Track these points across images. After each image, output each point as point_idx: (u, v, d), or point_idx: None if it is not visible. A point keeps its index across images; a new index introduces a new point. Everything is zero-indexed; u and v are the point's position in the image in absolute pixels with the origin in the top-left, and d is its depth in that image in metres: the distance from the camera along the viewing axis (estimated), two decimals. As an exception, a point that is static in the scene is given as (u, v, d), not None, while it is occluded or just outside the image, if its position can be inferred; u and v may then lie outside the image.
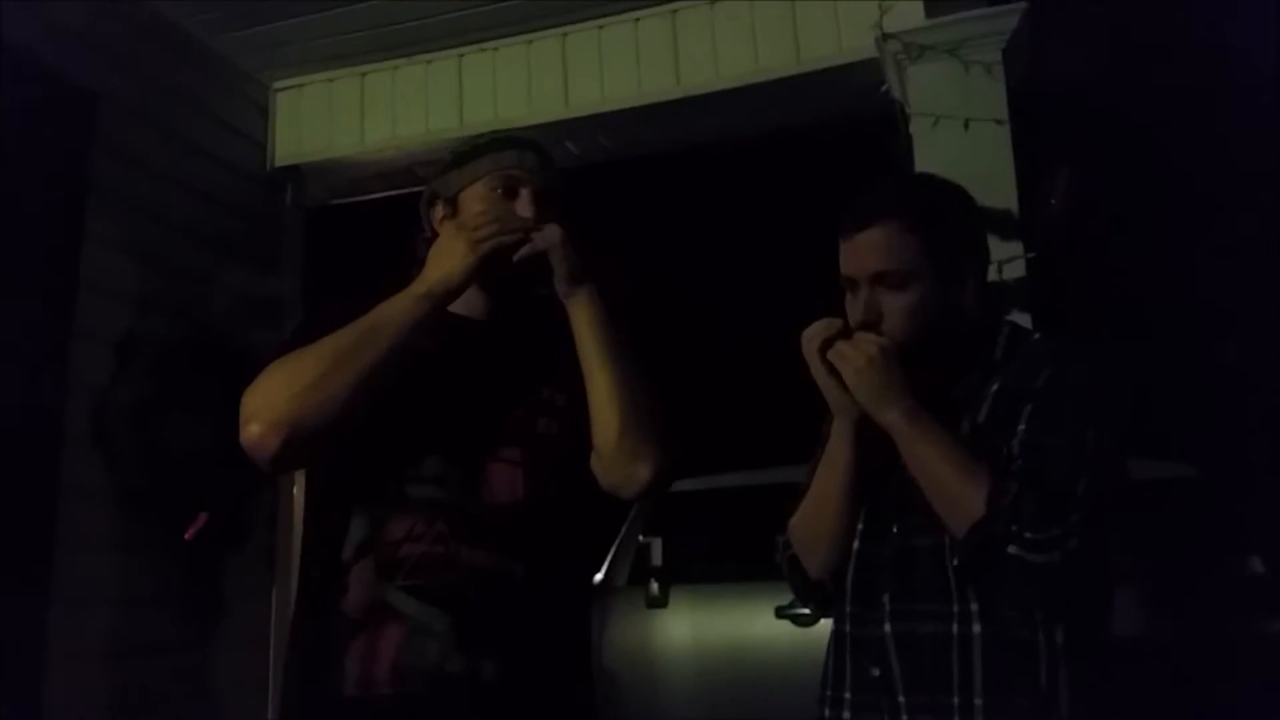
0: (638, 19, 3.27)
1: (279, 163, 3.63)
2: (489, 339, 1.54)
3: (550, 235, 1.46)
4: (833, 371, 1.45)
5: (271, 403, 1.36)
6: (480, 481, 1.44)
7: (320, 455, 1.44)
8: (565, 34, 3.35)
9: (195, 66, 3.32)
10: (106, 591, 2.75)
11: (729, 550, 4.93)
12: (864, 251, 1.45)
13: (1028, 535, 1.28)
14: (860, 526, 1.51)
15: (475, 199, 1.53)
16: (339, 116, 3.58)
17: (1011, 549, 1.29)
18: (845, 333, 1.46)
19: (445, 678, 1.36)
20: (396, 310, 1.43)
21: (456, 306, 1.49)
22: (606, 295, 1.49)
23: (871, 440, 1.47)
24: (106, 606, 2.75)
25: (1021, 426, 1.38)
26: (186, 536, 2.96)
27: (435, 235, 1.55)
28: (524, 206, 1.51)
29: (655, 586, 4.75)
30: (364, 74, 3.56)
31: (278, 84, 3.64)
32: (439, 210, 1.58)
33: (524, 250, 1.46)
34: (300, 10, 3.21)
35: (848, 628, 1.50)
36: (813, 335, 1.47)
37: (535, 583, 1.43)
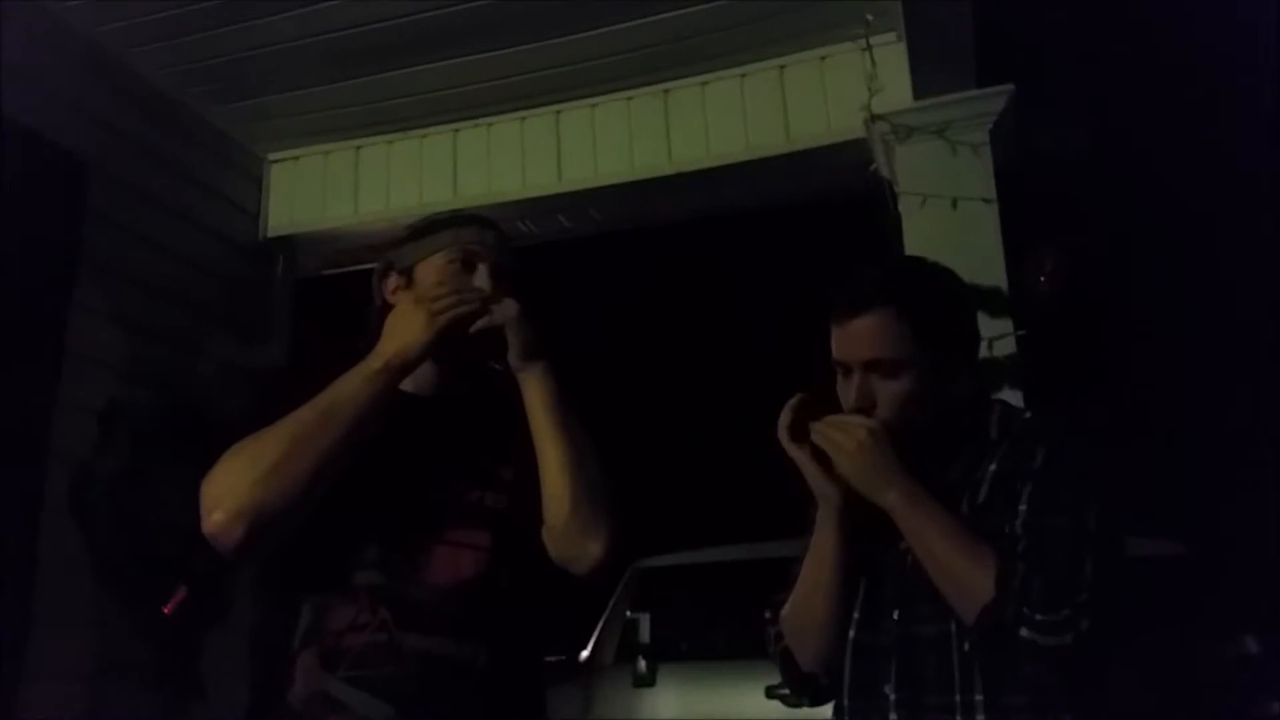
0: (630, 97, 3.32)
1: (271, 233, 3.64)
2: (433, 416, 1.52)
3: (508, 309, 1.46)
4: (814, 455, 1.44)
5: (233, 490, 1.33)
6: (424, 565, 1.41)
7: (282, 540, 1.40)
8: (559, 111, 3.39)
9: (189, 138, 3.34)
10: (82, 667, 2.68)
11: (719, 626, 4.84)
12: (856, 339, 1.44)
13: (1039, 617, 1.26)
14: (856, 615, 1.47)
15: (432, 271, 1.53)
16: (333, 188, 3.60)
17: (1023, 632, 1.26)
18: (813, 406, 1.44)
19: None
20: (353, 387, 1.39)
21: (403, 383, 1.46)
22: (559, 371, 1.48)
23: (861, 524, 1.44)
24: (82, 683, 2.67)
25: (1023, 507, 1.36)
26: (165, 610, 2.90)
27: (385, 305, 1.54)
28: (482, 279, 1.51)
29: (643, 664, 4.65)
30: (359, 147, 3.60)
31: (273, 155, 3.67)
32: (392, 281, 1.57)
33: (481, 322, 1.45)
34: (297, 84, 3.25)
35: None
36: (782, 424, 1.46)
37: (484, 667, 1.39)
